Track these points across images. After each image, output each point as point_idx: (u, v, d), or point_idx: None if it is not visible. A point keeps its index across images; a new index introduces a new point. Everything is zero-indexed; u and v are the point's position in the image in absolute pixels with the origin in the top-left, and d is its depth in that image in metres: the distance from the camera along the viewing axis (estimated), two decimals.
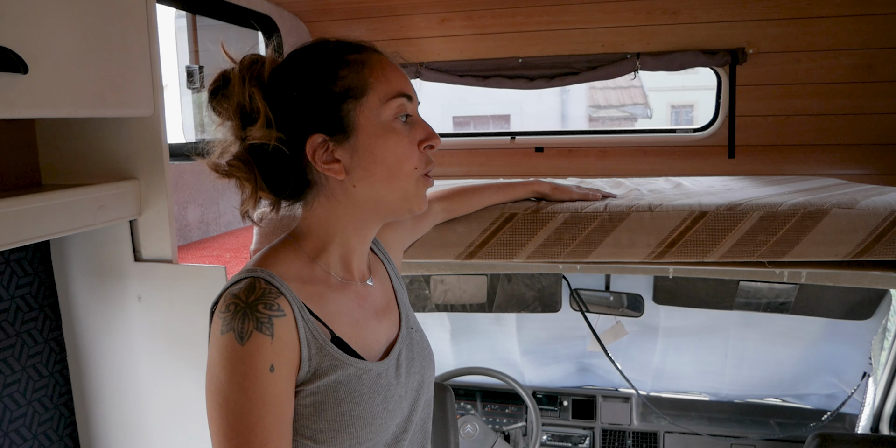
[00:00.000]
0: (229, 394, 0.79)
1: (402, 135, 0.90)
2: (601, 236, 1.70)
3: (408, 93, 0.92)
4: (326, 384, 0.85)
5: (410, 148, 0.91)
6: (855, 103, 2.55)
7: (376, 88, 0.89)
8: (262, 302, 0.82)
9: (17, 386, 1.54)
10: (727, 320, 2.90)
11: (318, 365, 0.86)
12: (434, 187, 1.80)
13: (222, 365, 0.81)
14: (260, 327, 0.80)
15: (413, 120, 0.93)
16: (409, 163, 0.90)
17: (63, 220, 1.32)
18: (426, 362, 1.03)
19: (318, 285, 0.91)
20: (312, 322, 0.86)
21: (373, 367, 0.91)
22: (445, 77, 2.86)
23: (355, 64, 0.90)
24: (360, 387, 0.88)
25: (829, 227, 1.62)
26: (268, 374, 0.80)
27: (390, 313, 1.02)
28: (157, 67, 1.44)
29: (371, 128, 0.89)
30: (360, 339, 0.93)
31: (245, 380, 0.79)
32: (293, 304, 0.85)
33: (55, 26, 1.17)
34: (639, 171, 2.85)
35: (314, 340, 0.86)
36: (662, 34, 2.63)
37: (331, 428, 0.85)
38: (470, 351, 3.32)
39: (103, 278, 1.57)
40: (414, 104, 0.93)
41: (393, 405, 0.92)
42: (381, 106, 0.89)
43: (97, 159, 1.50)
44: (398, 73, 0.93)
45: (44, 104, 1.16)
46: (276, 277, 0.86)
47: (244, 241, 2.10)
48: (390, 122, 0.90)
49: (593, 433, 3.06)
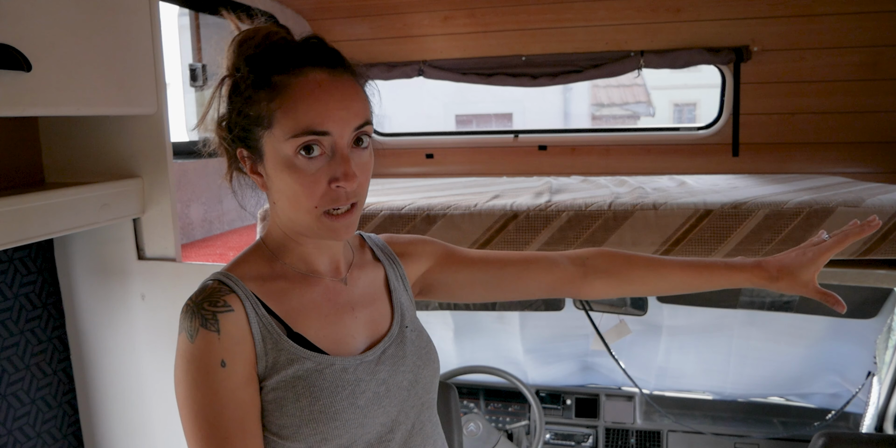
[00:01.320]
0: (188, 391, 0.83)
1: (301, 173, 0.84)
2: (605, 235, 1.69)
3: (319, 129, 0.83)
4: (284, 379, 0.86)
5: (311, 186, 0.84)
6: (859, 101, 2.54)
7: (282, 122, 0.83)
8: (208, 300, 0.85)
9: (20, 384, 1.54)
10: (731, 319, 2.89)
11: (276, 360, 0.87)
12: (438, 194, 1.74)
13: (178, 364, 0.85)
14: (205, 324, 0.83)
15: (331, 153, 0.84)
16: (306, 201, 0.85)
17: (66, 218, 1.32)
18: (422, 363, 0.99)
19: (279, 282, 0.92)
20: (267, 318, 0.88)
21: (335, 362, 0.90)
22: (448, 75, 2.85)
23: (274, 89, 0.84)
24: (321, 381, 0.87)
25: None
26: (219, 370, 0.83)
27: (374, 310, 1.00)
28: (161, 65, 1.43)
29: (275, 159, 0.85)
30: (328, 334, 0.92)
31: (199, 376, 0.83)
32: (245, 301, 0.87)
33: (59, 24, 1.17)
34: (642, 169, 2.84)
35: (269, 335, 0.87)
36: (666, 32, 2.62)
37: (293, 423, 0.86)
38: (473, 349, 3.31)
39: (106, 277, 1.57)
40: (336, 137, 0.84)
41: (365, 402, 0.90)
42: (284, 141, 0.83)
43: (100, 157, 1.50)
44: (319, 103, 0.83)
45: (47, 102, 1.16)
46: (231, 277, 0.89)
47: (247, 239, 2.10)
48: (291, 158, 0.84)
49: (596, 432, 3.06)
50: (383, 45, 2.82)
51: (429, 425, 1.01)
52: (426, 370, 1.00)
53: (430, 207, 1.76)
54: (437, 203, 1.78)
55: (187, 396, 0.83)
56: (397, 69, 2.80)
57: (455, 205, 1.76)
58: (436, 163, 3.01)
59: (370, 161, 0.89)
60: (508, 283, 1.14)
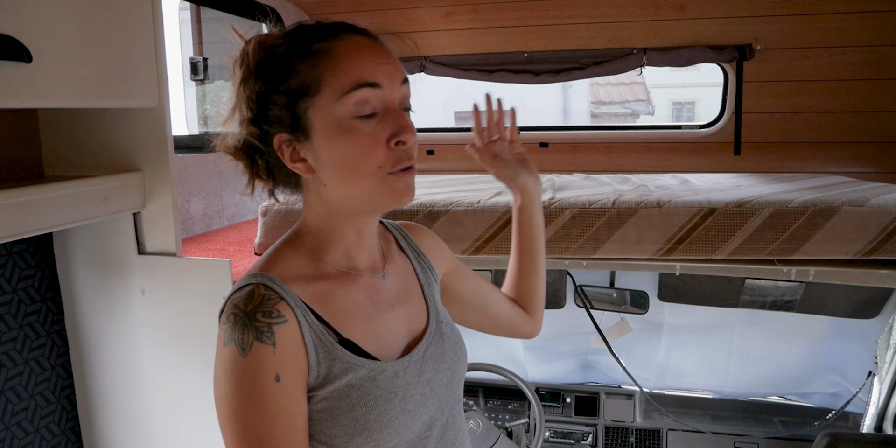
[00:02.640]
0: (236, 407, 0.78)
1: (359, 133, 0.81)
2: (609, 232, 1.68)
3: (372, 80, 0.81)
4: (338, 389, 0.82)
5: (371, 146, 0.81)
6: (862, 101, 2.53)
7: (331, 82, 0.81)
8: (261, 310, 0.79)
9: (19, 379, 1.53)
10: (732, 318, 2.89)
11: (329, 369, 0.83)
12: (437, 196, 1.75)
13: (226, 378, 0.79)
14: (260, 337, 0.78)
15: (384, 112, 0.83)
16: (369, 163, 0.82)
17: (66, 211, 1.30)
18: (457, 357, 0.97)
19: (323, 283, 0.88)
20: (318, 326, 0.83)
21: (387, 367, 0.86)
22: (450, 71, 2.84)
23: (316, 55, 0.82)
24: (375, 389, 0.84)
25: (839, 225, 1.61)
26: (273, 385, 0.78)
27: (410, 306, 0.97)
28: (163, 58, 1.42)
29: (326, 127, 0.82)
30: (373, 336, 0.89)
31: (251, 392, 0.77)
32: (295, 309, 0.82)
33: (60, 15, 1.15)
34: (644, 167, 2.83)
35: (321, 344, 0.83)
36: (669, 29, 2.61)
37: (345, 433, 0.82)
38: (473, 347, 3.28)
39: (106, 271, 1.56)
40: (386, 92, 0.82)
41: (414, 405, 0.87)
42: (336, 102, 0.81)
43: (101, 151, 1.48)
44: (366, 57, 0.82)
45: (48, 94, 1.14)
46: (276, 280, 0.83)
47: (247, 234, 2.09)
48: (347, 120, 0.81)
49: (596, 430, 3.05)
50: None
51: (459, 418, 1.00)
52: (460, 365, 0.98)
53: (432, 204, 1.74)
54: (439, 199, 1.77)
55: (235, 412, 0.78)
56: None
57: (458, 201, 1.75)
58: (436, 159, 3.00)
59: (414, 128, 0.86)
60: (494, 311, 1.18)
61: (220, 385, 0.79)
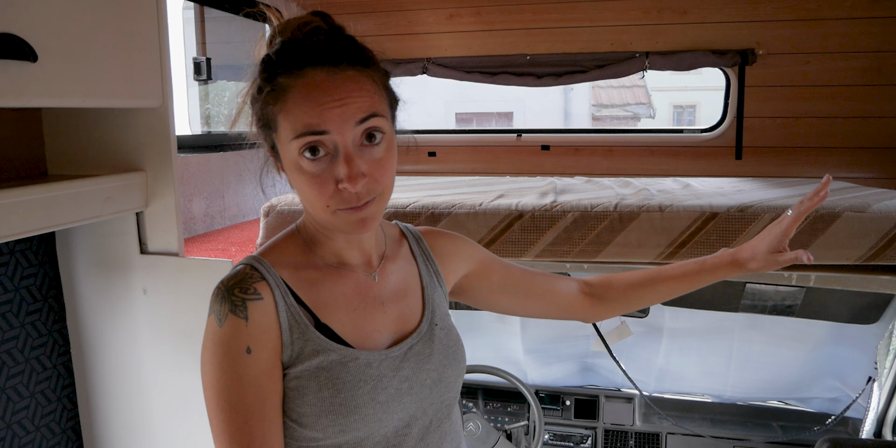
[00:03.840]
0: (213, 373, 0.86)
1: (308, 174, 0.84)
2: (611, 236, 1.68)
3: (317, 129, 0.81)
4: (308, 368, 0.87)
5: (319, 187, 0.84)
6: (864, 106, 2.54)
7: (283, 124, 0.84)
8: (239, 286, 0.87)
9: (20, 378, 1.53)
10: (732, 322, 2.89)
11: (301, 349, 0.88)
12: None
13: (205, 345, 0.87)
14: (234, 310, 0.85)
15: (334, 153, 0.83)
16: (318, 201, 0.85)
17: (69, 211, 1.30)
18: (448, 361, 0.99)
19: (311, 271, 0.93)
20: (295, 307, 0.89)
21: (360, 356, 0.90)
22: (452, 73, 2.84)
23: (278, 92, 0.84)
24: (344, 374, 0.88)
25: (840, 231, 1.61)
26: (244, 356, 0.84)
27: (404, 306, 1.00)
28: (167, 58, 1.42)
29: (285, 161, 0.87)
30: (355, 327, 0.93)
31: (224, 360, 0.85)
32: (275, 290, 0.88)
33: (65, 15, 1.15)
34: (645, 170, 2.83)
35: (296, 325, 0.88)
36: (671, 33, 2.62)
37: (312, 413, 0.87)
38: (473, 349, 3.30)
39: (108, 270, 1.56)
40: (335, 136, 0.82)
41: (386, 398, 0.90)
42: (288, 143, 0.84)
43: (104, 150, 1.49)
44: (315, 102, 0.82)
45: (52, 93, 1.14)
46: (264, 263, 0.90)
47: (249, 234, 2.09)
48: (297, 159, 0.84)
49: (595, 433, 3.05)
50: (387, 41, 2.81)
51: (447, 423, 1.01)
52: (451, 369, 0.99)
53: (434, 206, 1.75)
54: (441, 201, 1.77)
55: (212, 378, 0.86)
56: (401, 66, 2.79)
57: (460, 203, 1.75)
58: (438, 161, 3.00)
59: (387, 156, 0.87)
60: (533, 298, 1.19)
61: (202, 352, 0.88)
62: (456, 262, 1.11)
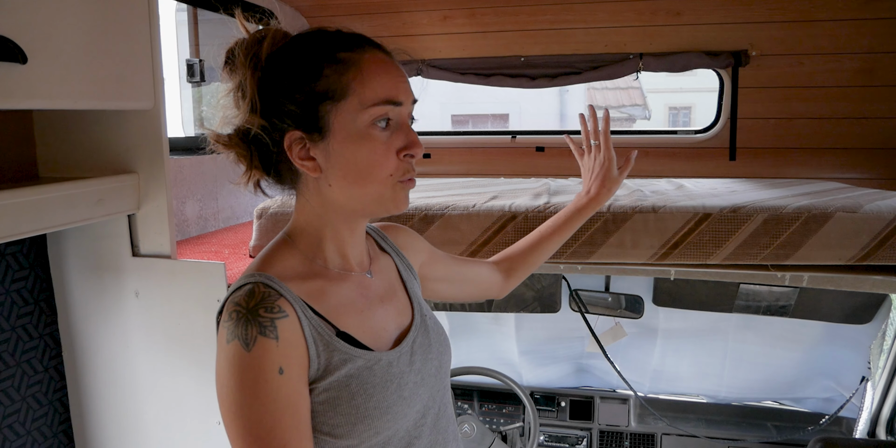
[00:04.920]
0: (242, 401, 0.80)
1: (377, 142, 0.87)
2: (604, 237, 1.68)
3: (395, 99, 0.88)
4: (338, 379, 0.86)
5: (386, 155, 0.88)
6: (856, 107, 2.54)
7: (358, 93, 0.86)
8: (263, 306, 0.83)
9: (11, 381, 1.52)
10: (726, 323, 2.90)
11: (328, 361, 0.86)
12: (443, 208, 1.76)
13: (231, 373, 0.81)
14: (264, 331, 0.81)
15: (397, 125, 0.90)
16: (382, 170, 0.88)
17: (60, 213, 1.30)
18: (442, 347, 1.03)
19: (316, 280, 0.92)
20: (316, 320, 0.87)
21: (382, 357, 0.91)
22: (447, 75, 2.84)
23: (344, 63, 0.87)
24: (372, 378, 0.88)
25: (833, 231, 1.61)
26: (278, 377, 0.80)
27: (397, 302, 1.02)
28: (159, 60, 1.42)
29: (346, 132, 0.87)
30: (366, 329, 0.93)
31: (256, 385, 0.80)
32: (294, 304, 0.85)
33: (56, 16, 1.15)
34: (639, 171, 2.82)
35: (320, 337, 0.86)
36: (665, 35, 2.62)
37: (347, 422, 0.86)
38: (468, 350, 3.30)
39: (100, 273, 1.55)
40: (403, 109, 0.90)
41: (408, 392, 0.92)
42: (360, 111, 0.86)
43: (96, 152, 1.48)
44: (390, 76, 0.89)
45: (43, 95, 1.14)
46: (274, 279, 0.87)
47: (242, 236, 2.09)
48: (367, 128, 0.87)
49: (591, 434, 3.05)
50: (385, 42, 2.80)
51: (449, 407, 1.05)
52: (446, 355, 1.04)
53: (428, 207, 1.74)
54: (435, 203, 1.77)
55: (241, 406, 0.80)
56: None
57: (453, 205, 1.75)
58: (433, 162, 3.00)
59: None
60: (465, 284, 1.29)
61: (225, 381, 0.81)
62: (415, 254, 1.15)
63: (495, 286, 1.34)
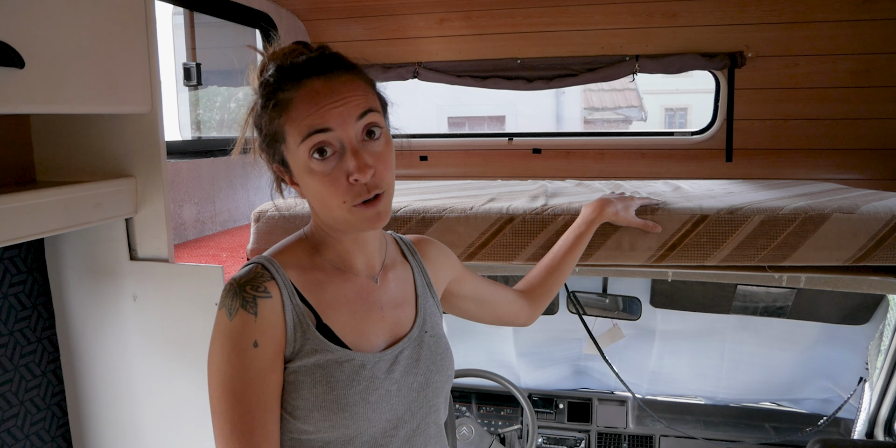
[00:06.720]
0: (220, 363, 0.90)
1: (318, 174, 0.90)
2: (601, 239, 1.69)
3: (321, 127, 0.88)
4: (306, 365, 0.92)
5: (332, 185, 0.90)
6: (853, 108, 2.55)
7: (291, 132, 0.91)
8: (251, 284, 0.92)
9: (9, 385, 1.52)
10: (724, 324, 2.90)
11: (301, 346, 0.93)
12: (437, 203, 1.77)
13: (215, 336, 0.92)
14: (245, 305, 0.90)
15: (343, 150, 0.90)
16: (333, 199, 0.91)
17: (58, 217, 1.30)
18: (435, 367, 1.04)
19: (317, 274, 0.99)
20: (301, 307, 0.94)
21: (356, 357, 0.95)
22: (443, 77, 2.84)
23: (278, 106, 0.91)
24: (339, 373, 0.92)
25: (830, 232, 1.61)
26: (251, 349, 0.90)
27: (400, 312, 1.05)
28: (155, 64, 1.42)
29: (297, 168, 0.93)
30: (353, 329, 0.98)
31: (232, 352, 0.90)
32: (283, 289, 0.93)
33: (53, 21, 1.15)
34: (636, 173, 2.84)
35: (300, 324, 0.94)
36: (661, 37, 2.63)
37: (305, 406, 0.92)
38: (466, 353, 3.30)
39: (98, 277, 1.55)
40: (340, 133, 0.89)
41: (376, 398, 0.94)
42: (297, 148, 0.90)
43: (93, 156, 1.48)
44: (317, 106, 0.89)
45: (40, 100, 1.14)
46: (274, 264, 0.96)
47: (240, 239, 2.08)
48: (307, 162, 0.90)
49: (589, 436, 3.05)
50: (378, 46, 2.81)
51: (433, 428, 1.05)
52: (438, 375, 1.04)
53: (425, 210, 1.74)
54: (432, 205, 1.77)
55: (219, 369, 0.90)
56: (392, 71, 2.80)
57: (451, 208, 1.75)
58: (430, 165, 3.00)
59: (387, 150, 0.95)
60: (490, 305, 1.33)
61: (211, 343, 0.92)
62: (444, 269, 1.20)
63: (522, 313, 1.37)
